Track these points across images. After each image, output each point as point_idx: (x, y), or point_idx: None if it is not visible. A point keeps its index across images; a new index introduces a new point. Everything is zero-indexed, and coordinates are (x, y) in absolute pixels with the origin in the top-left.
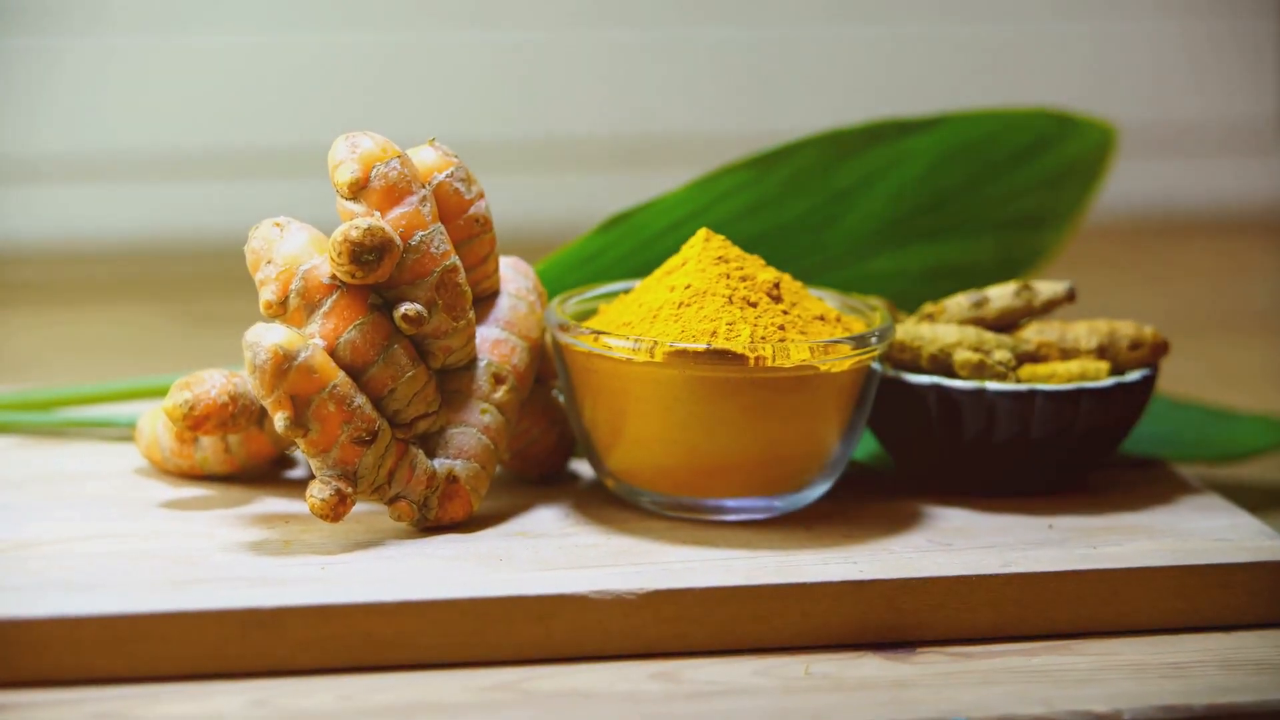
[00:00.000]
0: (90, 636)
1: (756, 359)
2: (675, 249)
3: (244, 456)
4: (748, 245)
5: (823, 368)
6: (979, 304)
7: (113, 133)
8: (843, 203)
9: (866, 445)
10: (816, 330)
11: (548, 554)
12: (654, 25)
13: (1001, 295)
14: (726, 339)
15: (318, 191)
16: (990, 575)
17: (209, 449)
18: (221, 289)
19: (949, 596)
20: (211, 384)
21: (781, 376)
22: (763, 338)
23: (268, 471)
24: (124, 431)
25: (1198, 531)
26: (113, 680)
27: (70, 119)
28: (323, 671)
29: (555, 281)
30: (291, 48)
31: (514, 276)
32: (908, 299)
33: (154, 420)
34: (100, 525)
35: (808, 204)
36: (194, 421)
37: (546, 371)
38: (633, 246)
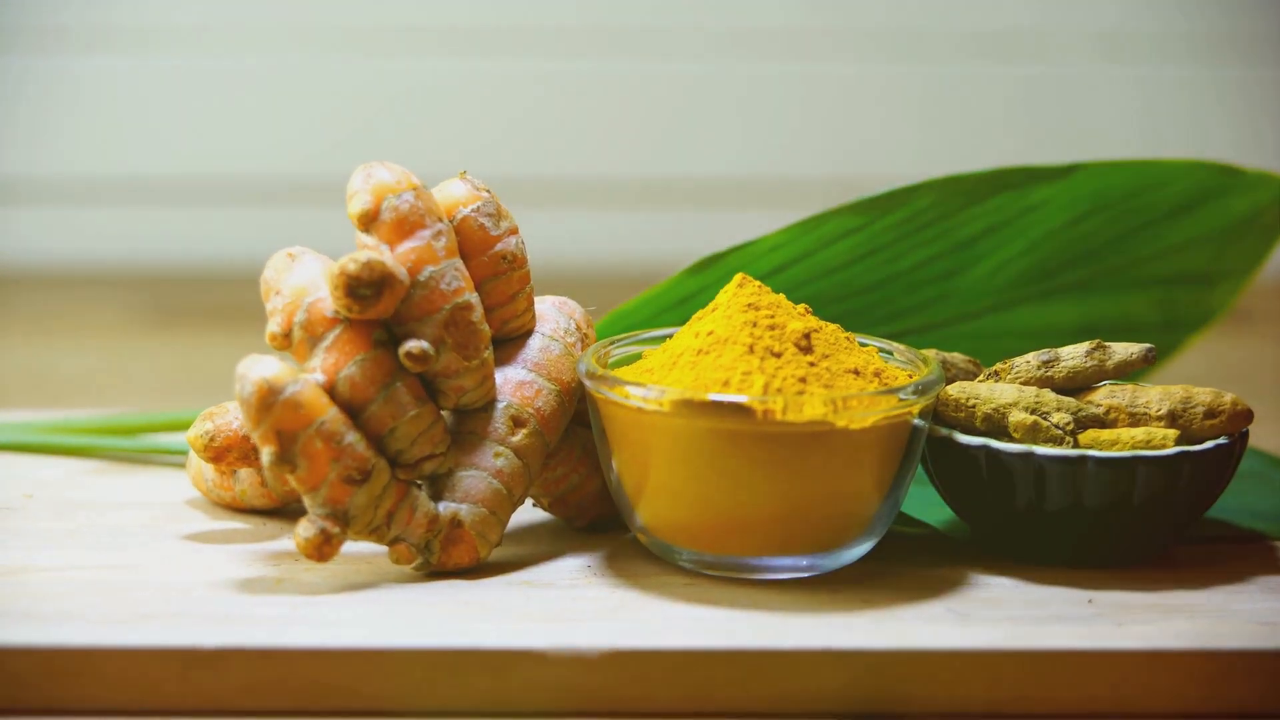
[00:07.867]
0: (24, 668)
1: (765, 412)
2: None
3: (281, 491)
4: (859, 293)
5: (840, 423)
6: (1048, 363)
7: (265, 157)
8: (969, 252)
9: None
10: (844, 384)
11: (539, 605)
12: (754, 62)
13: (1072, 355)
14: (739, 389)
15: None
16: (988, 650)
17: (247, 481)
18: None
19: (941, 670)
20: (234, 415)
21: (796, 431)
22: (778, 389)
23: None
24: None
25: (1244, 614)
26: (50, 713)
27: (247, 141)
28: (266, 715)
29: (646, 324)
30: (423, 72)
31: (554, 316)
32: None
33: None
34: (108, 555)
35: (927, 252)
36: (215, 453)
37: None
38: None
